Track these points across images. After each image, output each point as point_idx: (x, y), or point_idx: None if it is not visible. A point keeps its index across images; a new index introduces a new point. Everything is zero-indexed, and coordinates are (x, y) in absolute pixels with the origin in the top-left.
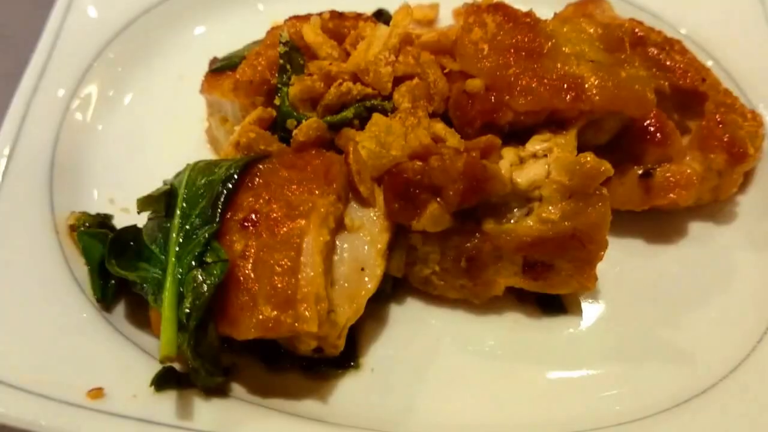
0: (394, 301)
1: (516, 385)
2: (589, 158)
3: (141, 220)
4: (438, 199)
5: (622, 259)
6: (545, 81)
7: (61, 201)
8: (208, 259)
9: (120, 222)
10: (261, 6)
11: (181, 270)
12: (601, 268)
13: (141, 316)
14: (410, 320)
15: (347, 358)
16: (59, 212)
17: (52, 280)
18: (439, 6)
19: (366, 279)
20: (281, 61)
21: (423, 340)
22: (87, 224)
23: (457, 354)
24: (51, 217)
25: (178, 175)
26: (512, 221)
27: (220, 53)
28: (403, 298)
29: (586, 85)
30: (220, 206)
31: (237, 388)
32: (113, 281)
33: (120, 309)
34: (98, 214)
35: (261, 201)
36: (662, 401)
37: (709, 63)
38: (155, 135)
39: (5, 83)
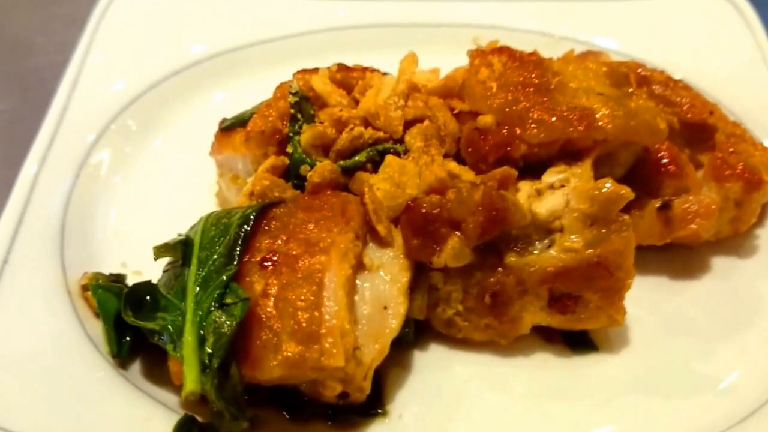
0: (417, 348)
1: (549, 426)
2: (608, 183)
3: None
4: (458, 233)
5: (649, 296)
6: (556, 112)
7: (73, 263)
8: (228, 300)
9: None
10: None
11: (200, 313)
12: (628, 304)
13: (157, 373)
14: (435, 367)
15: (373, 405)
16: (71, 274)
17: (67, 340)
18: (439, 71)
19: (390, 317)
20: (292, 111)
21: (450, 385)
22: (100, 281)
23: (486, 398)
24: (63, 278)
25: (192, 227)
26: (534, 253)
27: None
28: (427, 344)
29: (597, 116)
30: (237, 249)
31: None
32: (128, 338)
33: (136, 367)
34: (111, 274)
35: (279, 242)
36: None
37: None
38: (166, 199)
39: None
